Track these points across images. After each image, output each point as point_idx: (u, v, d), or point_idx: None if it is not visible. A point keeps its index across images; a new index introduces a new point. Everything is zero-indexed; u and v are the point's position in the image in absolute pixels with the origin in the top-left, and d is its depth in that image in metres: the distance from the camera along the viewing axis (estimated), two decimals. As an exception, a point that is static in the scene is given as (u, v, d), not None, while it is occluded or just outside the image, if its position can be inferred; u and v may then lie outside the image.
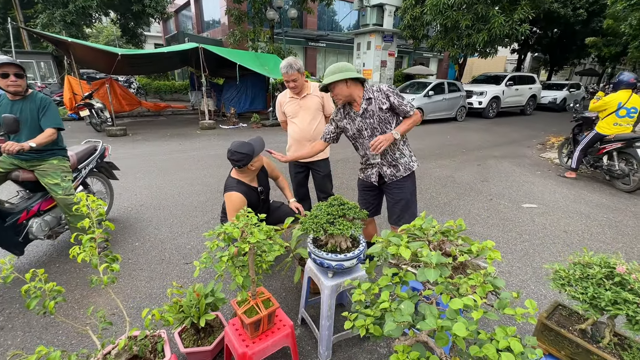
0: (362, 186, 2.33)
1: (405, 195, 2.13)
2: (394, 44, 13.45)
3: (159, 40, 27.87)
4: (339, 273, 1.69)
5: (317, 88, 2.64)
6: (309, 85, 2.64)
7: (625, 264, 1.12)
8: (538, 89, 13.55)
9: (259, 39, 13.27)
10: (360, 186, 2.35)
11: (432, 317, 0.96)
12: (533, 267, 2.69)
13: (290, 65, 2.43)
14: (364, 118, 2.03)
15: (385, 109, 1.98)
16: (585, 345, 1.17)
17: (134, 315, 2.07)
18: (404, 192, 2.13)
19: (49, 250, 2.87)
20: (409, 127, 2.01)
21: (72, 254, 1.20)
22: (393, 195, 2.15)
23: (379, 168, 2.12)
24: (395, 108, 2.00)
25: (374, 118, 2.01)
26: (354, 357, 1.79)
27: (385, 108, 1.98)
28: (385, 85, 2.01)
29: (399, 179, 2.11)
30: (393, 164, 2.09)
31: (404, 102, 1.99)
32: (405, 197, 2.13)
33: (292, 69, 2.43)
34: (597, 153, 4.75)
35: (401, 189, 2.12)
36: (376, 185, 2.20)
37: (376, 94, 2.00)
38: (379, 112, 2.00)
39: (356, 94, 2.01)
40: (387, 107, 1.98)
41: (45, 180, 2.44)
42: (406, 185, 2.13)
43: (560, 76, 30.37)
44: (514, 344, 0.89)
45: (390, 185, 2.14)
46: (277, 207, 2.59)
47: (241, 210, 1.45)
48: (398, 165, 2.10)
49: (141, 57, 9.62)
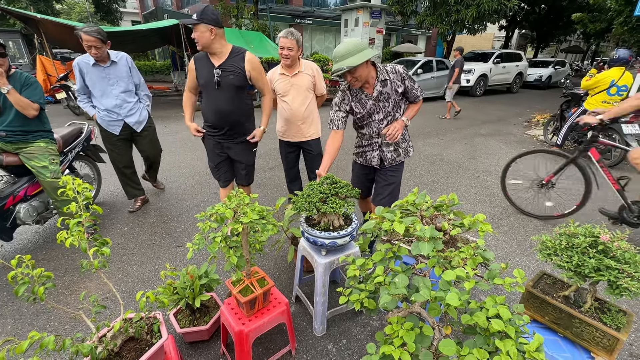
0: (359, 169, 2.27)
1: (398, 179, 2.14)
2: (382, 21, 13.14)
3: (136, 17, 26.42)
4: (332, 251, 1.71)
5: (309, 66, 2.56)
6: (301, 62, 2.55)
7: (608, 233, 1.17)
8: (525, 67, 13.60)
9: (243, 16, 12.74)
10: (356, 169, 2.30)
11: (425, 288, 0.98)
12: (518, 240, 2.79)
13: (291, 32, 2.38)
14: (378, 101, 1.92)
15: (400, 92, 1.91)
16: (568, 310, 1.24)
17: (127, 299, 2.07)
18: (397, 176, 2.13)
19: (35, 237, 2.80)
20: (415, 112, 2.01)
21: (59, 238, 1.17)
22: (387, 178, 2.13)
23: (381, 152, 2.08)
24: (407, 92, 1.94)
25: (389, 101, 1.92)
26: (348, 331, 1.85)
27: (401, 91, 1.91)
28: (401, 67, 1.90)
29: (398, 164, 2.12)
30: (395, 148, 2.08)
31: (416, 86, 1.93)
32: (397, 181, 2.13)
33: (292, 35, 2.38)
34: (582, 129, 4.85)
35: (396, 172, 2.13)
36: (375, 168, 2.17)
37: (392, 76, 1.89)
38: (395, 96, 1.91)
39: (371, 74, 1.87)
40: (402, 91, 1.91)
41: (32, 163, 2.36)
42: (400, 169, 2.15)
43: (546, 53, 30.49)
44: (503, 311, 0.93)
45: (388, 168, 2.12)
46: None
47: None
48: (399, 150, 2.09)
49: (118, 35, 9.14)
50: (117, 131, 2.88)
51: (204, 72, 2.17)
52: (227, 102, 2.21)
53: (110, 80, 2.74)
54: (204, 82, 2.18)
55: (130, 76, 2.86)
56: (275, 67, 2.63)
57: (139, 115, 2.96)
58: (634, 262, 1.09)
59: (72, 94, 7.94)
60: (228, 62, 2.15)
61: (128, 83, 2.84)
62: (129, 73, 2.84)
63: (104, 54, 2.64)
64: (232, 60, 2.16)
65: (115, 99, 2.79)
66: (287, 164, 2.87)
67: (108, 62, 2.69)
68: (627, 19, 8.90)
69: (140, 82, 2.96)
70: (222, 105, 2.21)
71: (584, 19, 15.33)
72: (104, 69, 2.69)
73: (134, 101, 2.92)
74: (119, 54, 2.77)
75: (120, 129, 2.90)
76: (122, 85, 2.79)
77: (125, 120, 2.88)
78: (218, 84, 2.16)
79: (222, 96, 2.19)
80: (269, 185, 3.94)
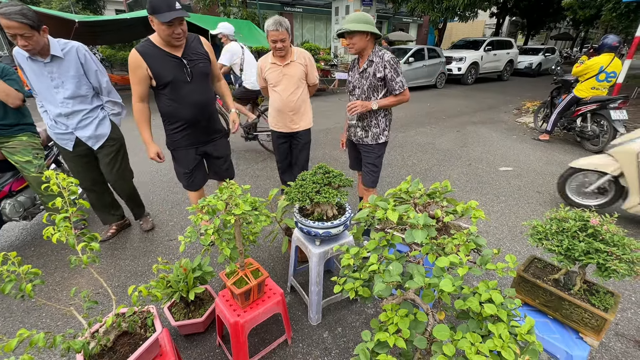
0: (348, 141, 2.50)
1: (372, 160, 2.31)
2: (373, 8, 12.99)
3: (120, 6, 25.55)
4: (326, 240, 1.70)
5: (301, 54, 2.49)
6: (293, 50, 2.45)
7: (598, 217, 1.18)
8: (515, 54, 13.61)
9: (231, 4, 12.42)
10: (350, 145, 2.53)
11: (419, 275, 0.99)
12: (509, 226, 2.83)
13: (280, 23, 2.20)
14: (361, 77, 2.13)
15: (379, 77, 2.05)
16: (557, 292, 1.26)
17: (120, 293, 2.05)
18: (370, 156, 2.31)
19: (23, 234, 2.74)
20: (390, 103, 2.11)
21: (46, 234, 1.14)
22: (364, 157, 2.35)
23: (354, 128, 2.30)
24: (386, 80, 2.06)
25: (367, 80, 2.10)
26: (343, 319, 1.86)
27: (379, 77, 2.04)
28: (389, 55, 2.03)
29: (366, 144, 2.28)
30: (365, 129, 2.25)
31: (396, 79, 2.04)
32: (372, 161, 2.31)
33: (281, 26, 2.21)
34: (572, 115, 4.90)
35: (368, 153, 2.30)
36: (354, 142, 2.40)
37: (377, 59, 2.04)
38: (372, 78, 2.07)
39: (367, 51, 2.07)
40: (381, 77, 2.04)
41: (16, 158, 2.27)
42: (373, 151, 2.29)
43: (536, 41, 30.58)
44: (495, 295, 0.94)
45: (362, 148, 2.33)
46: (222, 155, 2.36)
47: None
48: (368, 132, 2.25)
49: (101, 25, 8.82)
50: (69, 146, 2.25)
51: (167, 67, 1.89)
52: (202, 93, 2.04)
53: (53, 81, 2.06)
54: (172, 78, 1.90)
55: (82, 75, 2.12)
56: (266, 55, 2.53)
57: (94, 127, 2.25)
58: (622, 245, 1.11)
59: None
60: (189, 50, 1.95)
61: (79, 85, 2.12)
62: (80, 72, 2.10)
63: (40, 45, 1.91)
64: (192, 47, 1.97)
65: (60, 106, 2.11)
66: (280, 154, 2.83)
67: (48, 57, 2.00)
68: (615, 5, 8.93)
69: (101, 85, 2.23)
70: (198, 98, 2.01)
71: (574, 6, 15.33)
72: (44, 65, 2.01)
73: (89, 109, 2.21)
74: (68, 45, 2.06)
75: (74, 144, 2.25)
76: (69, 88, 2.09)
77: (76, 134, 2.22)
78: (191, 76, 1.94)
79: (196, 88, 2.00)
80: (262, 176, 3.91)
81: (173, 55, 1.90)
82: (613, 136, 4.44)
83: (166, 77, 1.90)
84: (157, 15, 1.72)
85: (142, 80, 1.91)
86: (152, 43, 1.88)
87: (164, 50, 1.88)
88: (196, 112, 2.06)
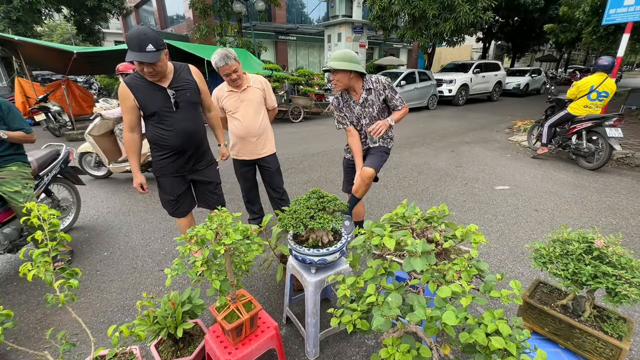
0: (347, 163, 2.56)
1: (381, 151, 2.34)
2: (364, 35, 13.50)
3: (119, 37, 26.39)
4: (322, 268, 1.63)
5: (257, 80, 2.50)
6: (247, 77, 2.44)
7: (602, 238, 1.14)
8: (503, 76, 14.09)
9: (227, 33, 12.85)
10: (345, 164, 2.58)
11: (420, 307, 0.93)
12: (509, 247, 2.77)
13: (227, 56, 2.19)
14: (364, 107, 2.24)
15: (382, 99, 2.21)
16: (568, 320, 1.19)
17: (104, 330, 1.92)
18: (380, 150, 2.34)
19: (5, 267, 2.62)
20: (400, 116, 2.28)
21: (22, 271, 1.07)
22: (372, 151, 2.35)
23: (367, 147, 2.37)
24: (387, 100, 2.23)
25: (373, 107, 2.23)
26: (342, 352, 1.75)
27: (382, 99, 2.21)
28: (384, 78, 2.20)
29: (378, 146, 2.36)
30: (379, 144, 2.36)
31: (395, 97, 2.23)
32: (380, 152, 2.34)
33: (229, 59, 2.19)
34: (567, 133, 4.97)
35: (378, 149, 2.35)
36: None
37: (375, 85, 2.19)
38: (378, 103, 2.22)
39: (356, 84, 2.19)
40: (383, 99, 2.21)
41: (4, 189, 2.22)
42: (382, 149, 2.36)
43: (522, 62, 31.76)
44: (502, 326, 0.88)
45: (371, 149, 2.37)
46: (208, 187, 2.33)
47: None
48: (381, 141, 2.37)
49: (99, 55, 9.04)
50: None
51: (152, 98, 1.92)
52: (190, 121, 2.05)
53: None
54: (157, 108, 1.94)
55: None
56: (221, 84, 2.47)
57: None
58: (630, 268, 1.06)
59: (51, 115, 7.75)
60: (177, 80, 1.98)
61: None
62: None
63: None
64: (181, 77, 2.00)
65: None
66: (245, 183, 2.74)
67: None
68: (595, 29, 9.35)
69: None
70: (186, 126, 2.03)
71: (555, 30, 16.10)
72: None
73: None
74: None
75: None
76: None
77: None
78: (176, 105, 1.96)
79: (183, 116, 2.02)
80: (257, 201, 3.85)
81: (159, 87, 1.93)
82: (609, 154, 4.48)
83: (151, 107, 1.94)
84: (128, 52, 1.76)
85: (131, 110, 1.96)
86: (139, 75, 1.92)
87: (149, 83, 1.92)
88: (183, 140, 2.05)
